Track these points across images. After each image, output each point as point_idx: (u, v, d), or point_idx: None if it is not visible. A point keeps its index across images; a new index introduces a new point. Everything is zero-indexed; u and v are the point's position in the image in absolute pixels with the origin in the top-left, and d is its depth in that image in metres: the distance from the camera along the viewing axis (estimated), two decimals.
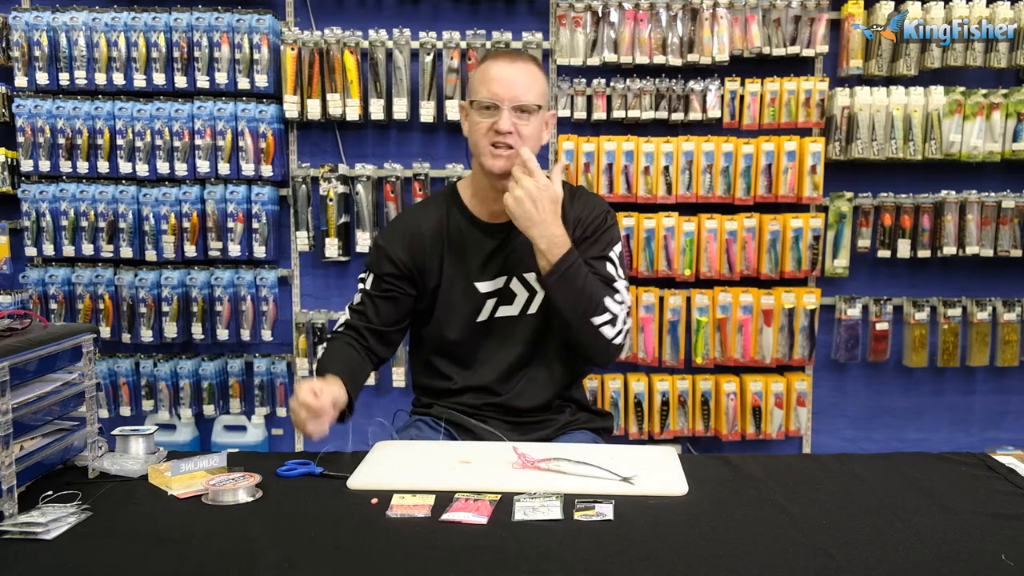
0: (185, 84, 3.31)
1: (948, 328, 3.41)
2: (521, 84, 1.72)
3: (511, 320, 1.83)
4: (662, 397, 3.37)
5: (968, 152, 3.27)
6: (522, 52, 1.79)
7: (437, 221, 1.85)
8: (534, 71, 1.77)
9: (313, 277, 3.54)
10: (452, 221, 1.85)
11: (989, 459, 1.61)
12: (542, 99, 1.77)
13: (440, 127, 3.44)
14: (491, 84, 1.72)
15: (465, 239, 1.84)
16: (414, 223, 1.87)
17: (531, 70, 1.76)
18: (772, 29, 3.28)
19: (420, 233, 1.85)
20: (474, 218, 1.85)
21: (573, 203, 1.84)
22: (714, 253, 3.31)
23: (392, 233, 1.88)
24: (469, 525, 1.28)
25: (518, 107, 1.72)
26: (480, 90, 1.74)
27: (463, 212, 1.86)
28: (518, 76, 1.73)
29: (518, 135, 1.72)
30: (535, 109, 1.74)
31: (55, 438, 1.48)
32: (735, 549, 1.21)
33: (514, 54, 1.80)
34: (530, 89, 1.73)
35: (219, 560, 1.18)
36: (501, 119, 1.71)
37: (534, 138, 1.77)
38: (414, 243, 1.84)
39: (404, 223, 1.90)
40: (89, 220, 3.33)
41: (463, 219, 1.85)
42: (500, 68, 1.73)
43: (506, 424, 1.82)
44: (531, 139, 1.76)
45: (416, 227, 1.86)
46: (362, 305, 1.84)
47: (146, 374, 3.41)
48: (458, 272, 1.83)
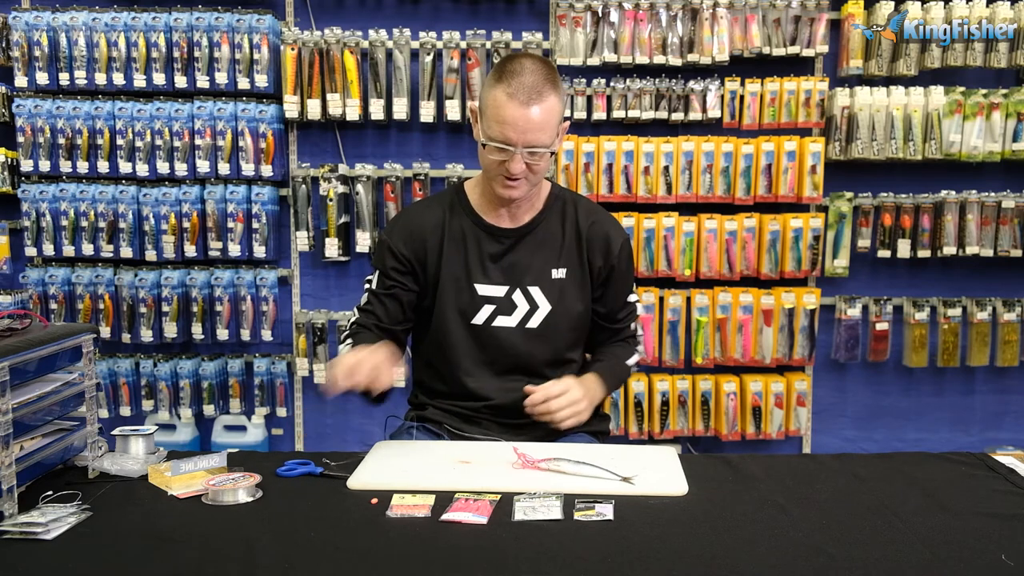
0: (185, 84, 3.31)
1: (948, 328, 3.41)
2: (535, 128, 1.65)
3: (507, 331, 1.80)
4: (662, 397, 3.36)
5: (968, 152, 3.27)
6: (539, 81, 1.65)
7: (440, 217, 1.84)
8: (551, 106, 1.66)
9: (313, 277, 3.54)
10: (456, 219, 1.84)
11: (989, 459, 1.61)
12: (556, 129, 1.71)
13: (440, 127, 3.44)
14: (504, 128, 1.65)
15: (467, 238, 1.82)
16: (417, 218, 1.86)
17: (548, 107, 1.66)
18: (772, 29, 3.28)
19: (422, 227, 1.84)
20: (480, 219, 1.83)
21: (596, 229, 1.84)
22: (714, 253, 3.31)
23: (395, 228, 1.87)
24: (469, 525, 1.28)
25: (531, 151, 1.68)
26: (492, 127, 1.67)
27: (468, 212, 1.84)
28: (533, 120, 1.64)
29: (529, 170, 1.70)
30: (549, 148, 1.70)
31: (55, 438, 1.48)
32: (735, 549, 1.21)
33: (530, 89, 1.64)
34: (545, 130, 1.66)
35: (219, 560, 1.18)
36: (513, 163, 1.67)
37: (547, 166, 1.75)
38: (415, 237, 1.83)
39: (407, 218, 1.89)
40: (89, 220, 3.33)
41: (468, 219, 1.83)
42: (514, 111, 1.63)
43: (500, 426, 1.81)
44: (543, 170, 1.74)
45: (419, 221, 1.85)
46: (370, 304, 1.83)
47: (146, 374, 3.41)
48: (458, 269, 1.81)
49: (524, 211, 1.83)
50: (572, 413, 1.71)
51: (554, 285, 1.81)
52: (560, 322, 1.82)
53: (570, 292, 1.82)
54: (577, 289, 1.83)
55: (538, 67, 1.67)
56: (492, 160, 1.70)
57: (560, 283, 1.81)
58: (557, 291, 1.81)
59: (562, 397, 1.69)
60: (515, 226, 1.82)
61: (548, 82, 1.67)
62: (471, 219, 1.83)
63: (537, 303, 1.80)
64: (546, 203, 1.85)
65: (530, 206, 1.83)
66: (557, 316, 1.81)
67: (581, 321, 1.86)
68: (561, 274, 1.82)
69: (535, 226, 1.83)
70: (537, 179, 1.75)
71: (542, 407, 1.69)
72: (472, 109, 1.78)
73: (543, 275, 1.81)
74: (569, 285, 1.82)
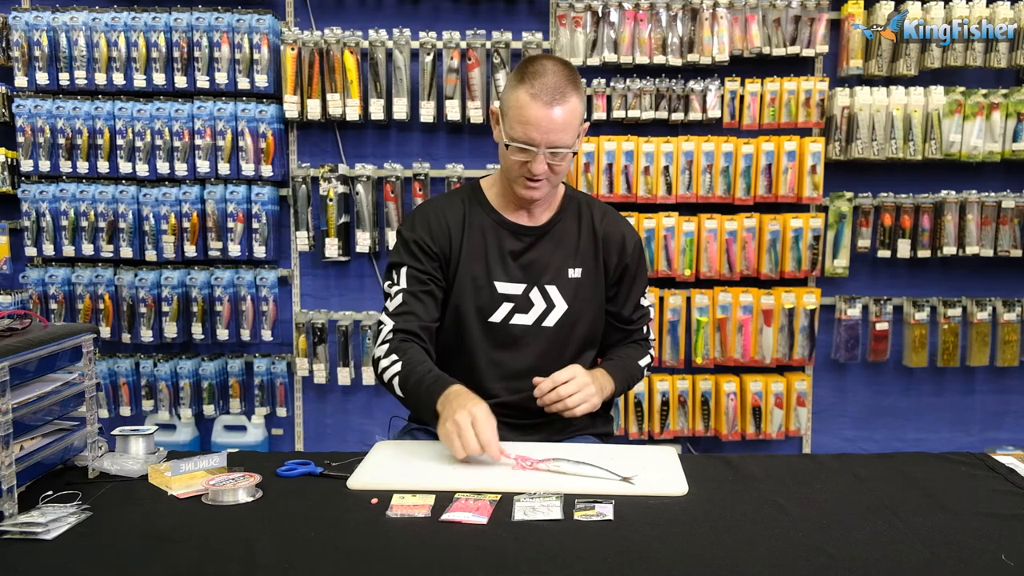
0: (185, 84, 3.31)
1: (948, 328, 3.41)
2: (558, 129, 1.66)
3: (524, 328, 1.80)
4: (662, 397, 3.36)
5: (968, 152, 3.27)
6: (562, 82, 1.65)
7: (461, 212, 1.82)
8: (573, 108, 1.67)
9: (313, 277, 3.54)
10: (476, 215, 1.82)
11: (989, 459, 1.61)
12: (577, 131, 1.71)
13: (440, 127, 3.44)
14: (528, 128, 1.65)
15: (487, 235, 1.81)
16: (439, 212, 1.83)
17: (570, 108, 1.67)
18: (772, 29, 3.28)
19: (445, 219, 1.81)
20: (500, 216, 1.82)
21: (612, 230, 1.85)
22: (714, 253, 3.31)
23: (416, 222, 1.83)
24: (469, 525, 1.28)
25: (554, 151, 1.69)
26: (515, 128, 1.67)
27: (488, 210, 1.83)
28: (556, 120, 1.65)
29: (551, 171, 1.71)
30: (570, 148, 1.71)
31: (55, 438, 1.48)
32: (735, 549, 1.21)
33: (553, 90, 1.65)
34: (567, 131, 1.67)
35: (219, 560, 1.18)
36: (536, 163, 1.68)
37: (567, 167, 1.76)
38: (440, 228, 1.80)
39: (427, 212, 1.85)
40: (89, 220, 3.33)
41: (488, 216, 1.82)
42: (538, 112, 1.64)
43: (508, 427, 1.81)
44: (564, 171, 1.75)
45: (441, 215, 1.82)
46: (406, 305, 1.76)
47: (146, 374, 3.41)
48: (478, 266, 1.80)
49: (543, 210, 1.84)
50: (584, 398, 1.69)
51: (570, 284, 1.82)
52: (575, 321, 1.82)
53: (586, 292, 1.83)
54: (592, 289, 1.84)
55: (560, 68, 1.69)
56: (514, 161, 1.70)
57: (576, 282, 1.82)
58: (573, 290, 1.82)
59: (571, 383, 1.68)
60: (535, 224, 1.82)
61: (570, 83, 1.68)
62: (491, 216, 1.83)
63: (554, 302, 1.81)
64: (562, 203, 1.86)
65: (548, 205, 1.84)
66: (573, 315, 1.82)
67: (596, 321, 1.86)
68: (577, 274, 1.82)
69: (553, 225, 1.83)
70: (557, 180, 1.76)
71: (552, 395, 1.68)
72: (493, 111, 1.78)
73: (560, 274, 1.82)
74: (585, 285, 1.83)
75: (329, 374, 3.44)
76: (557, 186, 1.79)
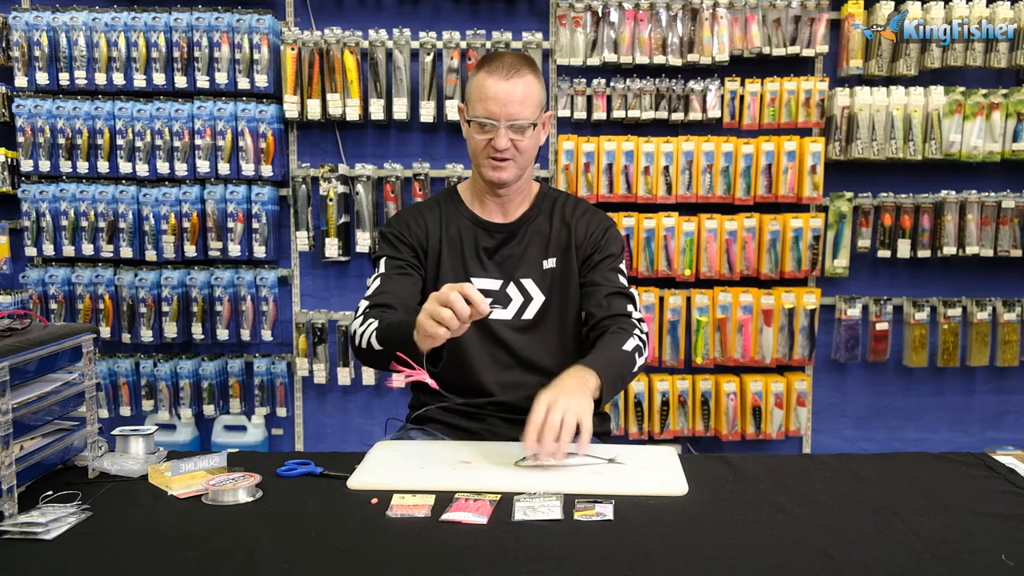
0: (185, 84, 3.31)
1: (948, 328, 3.41)
2: (516, 102, 1.72)
3: (504, 323, 1.83)
4: (662, 397, 3.36)
5: (968, 152, 3.27)
6: (517, 61, 1.75)
7: (437, 216, 1.89)
8: (530, 83, 1.74)
9: (313, 277, 3.54)
10: (452, 218, 1.88)
11: (989, 459, 1.61)
12: (538, 111, 1.77)
13: (440, 127, 3.44)
14: (487, 103, 1.72)
15: (463, 235, 1.86)
16: (417, 212, 1.90)
17: (527, 83, 1.74)
18: (772, 29, 3.28)
19: (423, 219, 1.88)
20: (475, 216, 1.88)
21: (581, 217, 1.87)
22: (714, 253, 3.31)
23: (397, 220, 1.90)
24: (469, 525, 1.28)
25: (514, 125, 1.73)
26: (476, 106, 1.74)
27: (463, 211, 1.89)
28: (513, 93, 1.71)
29: (515, 149, 1.76)
30: (531, 123, 1.75)
31: (55, 438, 1.48)
32: (735, 549, 1.21)
33: (509, 66, 1.74)
34: (525, 104, 1.73)
35: (219, 560, 1.18)
36: (498, 138, 1.73)
37: (532, 148, 1.79)
38: (418, 226, 1.86)
39: (407, 213, 1.93)
40: (89, 220, 3.33)
41: (463, 217, 1.88)
42: (495, 86, 1.71)
43: (503, 421, 1.81)
44: (529, 150, 1.78)
45: (419, 215, 1.89)
46: (382, 287, 1.78)
47: (146, 374, 3.41)
48: (456, 266, 1.85)
49: (515, 205, 1.87)
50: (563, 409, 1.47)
51: (545, 276, 1.85)
52: (554, 312, 1.85)
53: (562, 281, 1.85)
54: (568, 276, 1.85)
55: (516, 53, 1.80)
56: (479, 141, 1.76)
57: (551, 273, 1.85)
58: (548, 282, 1.85)
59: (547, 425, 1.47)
60: (507, 221, 1.87)
61: (526, 62, 1.77)
62: (466, 217, 1.88)
63: (531, 295, 1.84)
64: (535, 200, 1.90)
65: (521, 200, 1.88)
66: (551, 306, 1.84)
67: (575, 309, 1.87)
68: (552, 263, 1.85)
69: (527, 221, 1.87)
70: (524, 161, 1.79)
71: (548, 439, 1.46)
72: (460, 107, 1.85)
73: (535, 267, 1.85)
74: (560, 274, 1.85)
75: (329, 374, 3.44)
76: (525, 169, 1.81)
